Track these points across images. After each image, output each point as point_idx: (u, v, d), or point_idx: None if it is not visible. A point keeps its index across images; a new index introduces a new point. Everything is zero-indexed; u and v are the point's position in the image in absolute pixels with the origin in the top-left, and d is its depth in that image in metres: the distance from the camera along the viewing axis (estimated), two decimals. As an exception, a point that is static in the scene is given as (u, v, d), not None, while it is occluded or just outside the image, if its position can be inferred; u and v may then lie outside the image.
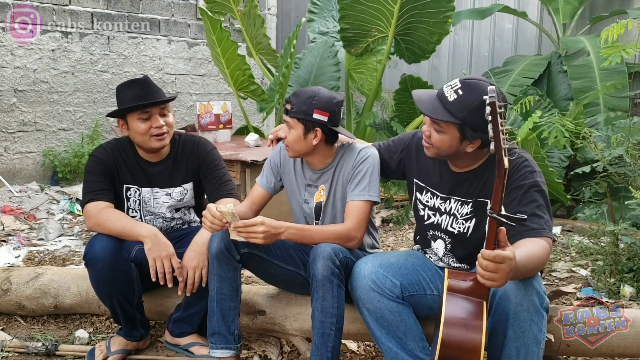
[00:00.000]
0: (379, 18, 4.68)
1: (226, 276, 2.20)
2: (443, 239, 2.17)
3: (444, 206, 2.14)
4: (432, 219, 2.18)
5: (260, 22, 4.81)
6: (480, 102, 1.82)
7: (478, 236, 2.08)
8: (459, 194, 2.10)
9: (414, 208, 2.28)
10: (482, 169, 2.05)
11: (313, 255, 2.08)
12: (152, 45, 5.85)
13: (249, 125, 4.82)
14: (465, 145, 1.94)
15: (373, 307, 2.01)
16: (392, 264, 2.10)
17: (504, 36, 6.98)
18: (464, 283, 1.76)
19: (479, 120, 1.84)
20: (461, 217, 2.10)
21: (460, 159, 2.04)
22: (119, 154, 2.45)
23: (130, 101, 2.32)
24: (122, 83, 2.39)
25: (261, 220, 2.05)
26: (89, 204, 2.32)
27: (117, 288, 2.26)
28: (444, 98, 1.90)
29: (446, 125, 1.92)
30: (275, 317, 2.47)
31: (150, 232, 2.24)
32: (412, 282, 2.10)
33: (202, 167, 2.51)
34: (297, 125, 2.22)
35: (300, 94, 2.22)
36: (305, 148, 2.26)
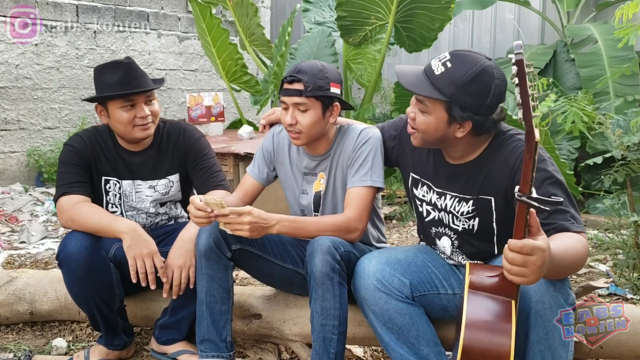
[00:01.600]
0: (378, 5, 4.47)
1: (216, 276, 1.97)
2: (449, 236, 1.92)
3: (440, 202, 1.89)
4: (432, 215, 1.93)
5: (253, 11, 4.60)
6: (472, 76, 1.59)
7: (486, 235, 1.84)
8: (455, 189, 1.84)
9: (412, 204, 2.04)
10: (482, 161, 1.78)
11: (310, 250, 1.85)
12: (141, 40, 5.63)
13: (242, 118, 4.60)
14: (454, 129, 1.69)
15: (380, 310, 1.79)
16: (400, 261, 1.87)
17: (505, 27, 6.79)
18: (488, 279, 1.53)
19: (470, 98, 1.61)
20: (462, 216, 1.84)
21: (451, 148, 1.78)
22: (96, 143, 2.21)
23: (113, 87, 2.08)
24: (103, 65, 2.16)
25: (249, 210, 1.82)
26: (63, 198, 2.09)
27: (94, 291, 2.03)
28: (431, 72, 1.65)
29: (431, 104, 1.67)
30: (272, 321, 2.25)
31: (130, 227, 2.00)
32: (423, 281, 1.87)
33: (189, 157, 2.28)
34: (315, 104, 1.97)
35: (307, 70, 1.96)
36: (322, 130, 2.03)
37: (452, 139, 1.72)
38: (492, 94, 1.63)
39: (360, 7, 4.50)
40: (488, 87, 1.61)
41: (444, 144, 1.77)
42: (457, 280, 1.92)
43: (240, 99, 5.76)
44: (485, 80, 1.61)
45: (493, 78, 1.62)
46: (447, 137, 1.71)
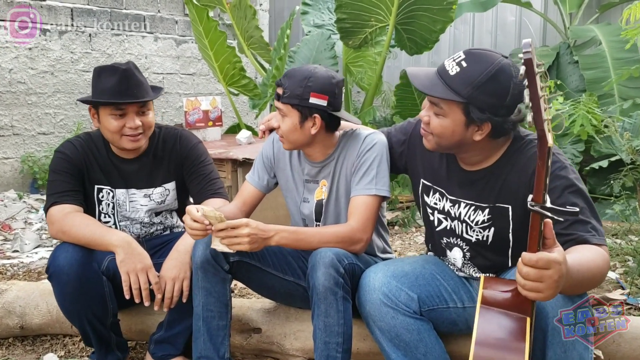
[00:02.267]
0: (378, 6, 4.38)
1: (213, 289, 1.87)
2: (460, 247, 1.82)
3: (454, 210, 1.79)
4: (444, 224, 1.83)
5: (251, 14, 4.51)
6: (489, 75, 1.52)
7: (501, 247, 1.74)
8: (470, 197, 1.74)
9: (422, 212, 1.93)
10: (499, 167, 1.68)
11: (312, 263, 1.76)
12: (138, 43, 5.53)
13: (241, 123, 4.50)
14: (472, 132, 1.60)
15: (386, 326, 1.69)
16: (407, 273, 1.77)
17: (506, 29, 6.72)
18: (502, 294, 1.43)
19: (488, 98, 1.52)
20: (476, 226, 1.74)
21: (468, 152, 1.69)
22: (89, 150, 2.12)
23: (105, 94, 2.00)
24: (101, 67, 2.06)
25: (246, 222, 1.72)
26: (53, 208, 2.00)
27: (86, 305, 1.94)
28: (445, 73, 1.56)
29: (447, 106, 1.58)
30: (272, 335, 2.15)
31: (123, 240, 1.91)
32: (432, 294, 1.78)
33: (185, 164, 2.19)
34: (291, 112, 1.88)
35: (292, 74, 1.87)
36: (303, 138, 1.92)
37: (470, 143, 1.63)
38: (511, 94, 1.54)
39: (360, 9, 4.42)
40: (506, 86, 1.53)
41: (460, 149, 1.68)
42: (467, 293, 1.83)
43: (238, 103, 5.68)
44: (503, 79, 1.53)
45: (511, 77, 1.54)
46: (465, 141, 1.62)
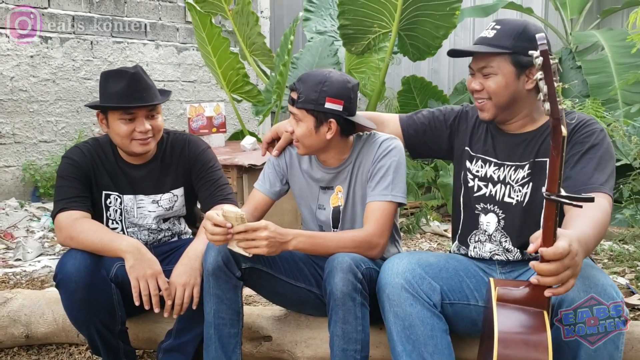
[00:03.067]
0: (381, 12, 4.36)
1: (225, 297, 1.84)
2: (496, 213, 1.86)
3: (498, 174, 1.86)
4: (483, 191, 1.89)
5: (254, 20, 4.48)
6: (523, 27, 1.74)
7: (535, 208, 1.78)
8: (513, 158, 1.84)
9: (462, 182, 1.96)
10: (542, 130, 1.81)
11: (329, 268, 1.72)
12: (139, 51, 5.51)
13: (244, 130, 4.48)
14: (524, 82, 1.76)
15: (402, 312, 1.65)
16: (432, 264, 1.75)
17: (506, 35, 6.72)
18: (517, 290, 1.44)
19: (529, 44, 1.67)
20: (516, 184, 1.82)
21: (518, 113, 1.81)
22: (97, 156, 2.10)
23: (113, 98, 1.97)
24: (109, 72, 2.04)
25: (265, 225, 1.70)
26: (61, 214, 1.97)
27: (94, 313, 1.91)
28: (483, 39, 1.78)
29: (497, 63, 1.75)
30: (283, 343, 2.12)
31: (132, 246, 1.88)
32: (454, 288, 1.76)
33: (194, 169, 2.16)
34: (306, 117, 1.86)
35: (307, 79, 1.86)
36: (318, 143, 1.90)
37: (523, 96, 1.77)
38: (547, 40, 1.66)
39: (364, 16, 4.39)
40: (540, 32, 1.68)
41: (513, 107, 1.80)
42: (488, 291, 1.81)
43: (241, 110, 5.65)
44: (534, 29, 1.73)
45: (537, 27, 1.75)
46: (518, 93, 1.77)
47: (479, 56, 1.78)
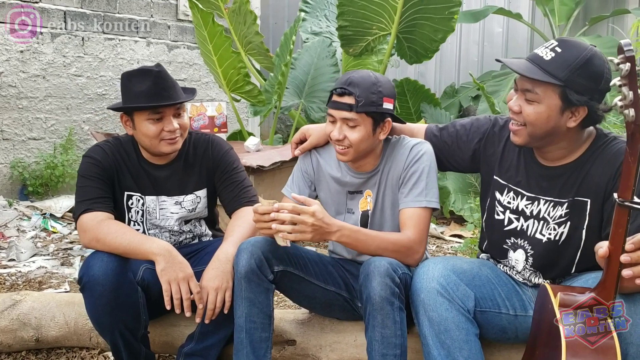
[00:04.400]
0: (380, 15, 4.37)
1: (257, 300, 1.81)
2: (525, 249, 1.81)
3: (531, 208, 1.78)
4: (514, 224, 1.82)
5: (252, 19, 4.45)
6: (585, 59, 1.55)
7: (571, 246, 1.74)
8: (551, 193, 1.74)
9: (487, 210, 1.92)
10: (582, 161, 1.70)
11: (366, 272, 1.70)
12: (130, 48, 5.41)
13: (243, 129, 4.43)
14: (566, 119, 1.61)
15: (438, 317, 1.63)
16: (466, 271, 1.74)
17: (493, 40, 6.79)
18: (580, 296, 1.44)
19: (585, 81, 1.54)
20: (553, 222, 1.74)
21: (555, 144, 1.69)
22: (119, 156, 2.05)
23: (140, 98, 1.92)
24: (130, 72, 1.99)
25: (312, 211, 1.68)
26: (85, 215, 1.91)
27: (120, 318, 1.86)
28: (539, 59, 1.59)
29: (543, 91, 1.58)
30: (307, 347, 2.10)
31: (164, 248, 1.84)
32: (486, 297, 1.75)
33: (217, 171, 2.12)
34: (365, 120, 1.83)
35: (358, 82, 1.82)
36: (370, 147, 1.90)
37: (562, 132, 1.64)
38: (605, 79, 1.57)
39: (363, 17, 4.39)
40: (601, 70, 1.56)
41: (550, 139, 1.67)
42: (519, 301, 1.81)
43: (238, 110, 5.58)
44: (598, 64, 1.56)
45: (604, 62, 1.57)
46: (557, 129, 1.63)
47: (527, 77, 1.61)
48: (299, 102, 4.76)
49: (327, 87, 4.71)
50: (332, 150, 2.02)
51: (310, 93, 4.80)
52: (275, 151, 3.51)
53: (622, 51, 1.26)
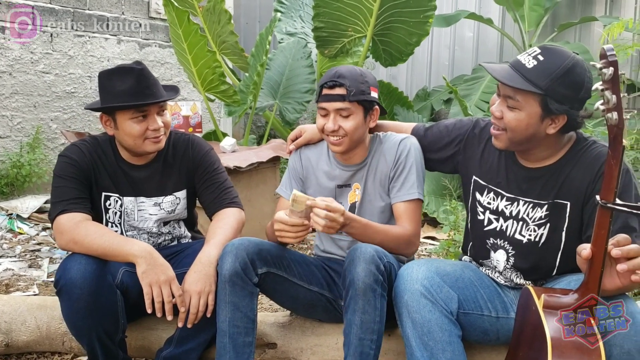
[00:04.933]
0: (356, 17, 4.37)
1: (241, 304, 1.79)
2: (505, 250, 1.83)
3: (511, 209, 1.80)
4: (494, 225, 1.84)
5: (226, 19, 4.38)
6: (567, 68, 1.57)
7: (551, 247, 1.76)
8: (530, 194, 1.77)
9: (470, 211, 1.93)
10: (562, 164, 1.72)
11: (351, 257, 1.71)
12: (100, 45, 5.29)
13: (217, 130, 4.37)
14: (546, 126, 1.63)
15: (421, 319, 1.64)
16: (449, 273, 1.75)
17: (464, 44, 6.86)
18: (565, 298, 1.46)
19: (565, 90, 1.56)
20: (533, 223, 1.76)
21: (535, 149, 1.71)
22: (96, 155, 1.99)
23: (123, 97, 1.87)
24: (110, 70, 1.94)
25: (342, 211, 1.74)
26: (62, 216, 1.85)
27: (98, 322, 1.81)
28: (521, 66, 1.60)
29: (524, 99, 1.60)
30: (288, 350, 2.08)
31: (145, 250, 1.79)
32: (469, 298, 1.76)
33: (198, 171, 2.09)
34: (357, 109, 1.92)
35: (347, 74, 1.90)
36: (362, 135, 1.97)
37: (541, 137, 1.66)
38: (586, 88, 1.59)
39: (339, 19, 4.39)
40: (582, 79, 1.58)
41: (530, 144, 1.69)
42: (501, 303, 1.83)
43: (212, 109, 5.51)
44: (579, 73, 1.58)
45: (585, 71, 1.60)
46: (537, 134, 1.65)
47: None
48: (274, 102, 4.73)
49: (302, 88, 4.69)
50: (321, 146, 2.09)
51: (285, 94, 4.77)
52: (252, 152, 3.48)
53: (605, 56, 1.29)
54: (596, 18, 5.63)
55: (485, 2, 6.59)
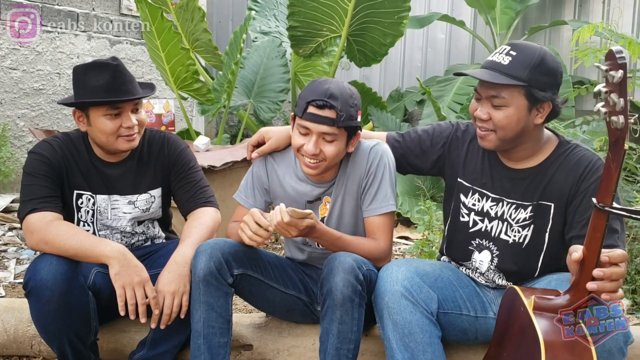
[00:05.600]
0: (331, 16, 4.36)
1: (216, 304, 1.76)
2: (490, 250, 1.83)
3: (496, 209, 1.81)
4: (479, 226, 1.84)
5: (200, 16, 4.34)
6: (541, 57, 1.62)
7: (534, 249, 1.77)
8: (514, 195, 1.78)
9: (452, 213, 1.93)
10: (546, 166, 1.74)
11: (330, 267, 1.69)
12: (70, 42, 5.18)
13: (190, 128, 4.31)
14: (534, 116, 1.67)
15: (402, 320, 1.64)
16: (428, 273, 1.75)
17: (436, 46, 6.90)
18: (556, 299, 1.46)
19: (545, 77, 1.62)
20: (517, 224, 1.77)
21: (520, 145, 1.73)
22: (68, 152, 1.94)
23: (98, 93, 1.83)
24: (85, 65, 1.89)
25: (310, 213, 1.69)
26: (32, 215, 1.80)
27: (69, 324, 1.76)
28: (498, 65, 1.64)
29: (509, 94, 1.63)
30: (265, 351, 2.06)
31: (118, 251, 1.75)
32: (448, 298, 1.76)
33: (173, 169, 2.05)
34: (343, 134, 1.80)
35: (338, 94, 1.75)
36: (340, 159, 1.87)
37: (530, 130, 1.69)
38: (560, 73, 1.66)
39: (313, 19, 4.37)
40: (556, 65, 1.66)
41: (518, 141, 1.71)
42: (480, 303, 1.83)
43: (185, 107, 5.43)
44: (551, 60, 1.65)
45: (554, 57, 1.67)
46: (527, 127, 1.68)
47: (490, 84, 1.65)
48: (248, 102, 4.69)
49: (277, 87, 4.66)
50: (288, 156, 1.96)
51: (259, 93, 4.73)
52: (226, 151, 3.44)
53: (613, 57, 1.25)
54: (566, 22, 5.72)
55: (457, 4, 6.63)
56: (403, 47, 6.97)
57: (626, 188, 3.19)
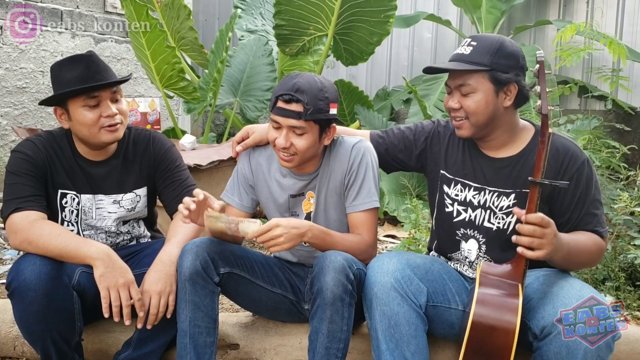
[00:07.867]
0: (318, 15, 4.35)
1: (202, 303, 1.75)
2: (476, 239, 1.87)
3: (478, 198, 1.86)
4: (463, 215, 1.89)
5: (185, 14, 4.31)
6: (500, 43, 1.74)
7: None
8: (495, 183, 1.83)
9: (437, 205, 1.96)
10: (525, 155, 1.81)
11: (320, 266, 1.69)
12: (53, 39, 5.13)
13: (176, 127, 4.29)
14: (502, 99, 1.76)
15: (390, 311, 1.66)
16: (419, 265, 1.77)
17: (423, 45, 6.93)
18: (499, 267, 1.68)
19: (506, 60, 1.73)
20: (500, 212, 1.83)
21: (496, 131, 1.81)
22: (52, 151, 1.92)
23: (73, 83, 1.81)
24: (60, 61, 1.87)
25: (276, 222, 1.67)
26: (16, 215, 1.78)
27: (53, 325, 1.74)
28: (461, 55, 1.76)
29: (475, 80, 1.74)
30: (251, 351, 2.05)
31: (103, 252, 1.73)
32: (437, 291, 1.79)
33: (159, 168, 2.04)
34: (313, 127, 1.80)
35: (305, 88, 1.76)
36: (315, 152, 1.87)
37: (500, 114, 1.78)
38: (522, 56, 1.77)
39: (300, 17, 4.37)
40: (516, 49, 1.76)
41: (492, 125, 1.80)
42: (468, 296, 1.84)
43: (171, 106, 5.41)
44: (510, 45, 1.78)
45: (514, 43, 1.79)
46: (497, 111, 1.77)
47: (457, 74, 1.76)
48: (234, 100, 4.68)
49: (263, 86, 4.64)
50: (272, 152, 1.97)
51: (245, 92, 4.72)
52: (212, 150, 3.42)
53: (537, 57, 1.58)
54: (550, 22, 5.77)
55: (443, 4, 6.66)
56: (389, 46, 6.99)
57: (609, 187, 3.22)
